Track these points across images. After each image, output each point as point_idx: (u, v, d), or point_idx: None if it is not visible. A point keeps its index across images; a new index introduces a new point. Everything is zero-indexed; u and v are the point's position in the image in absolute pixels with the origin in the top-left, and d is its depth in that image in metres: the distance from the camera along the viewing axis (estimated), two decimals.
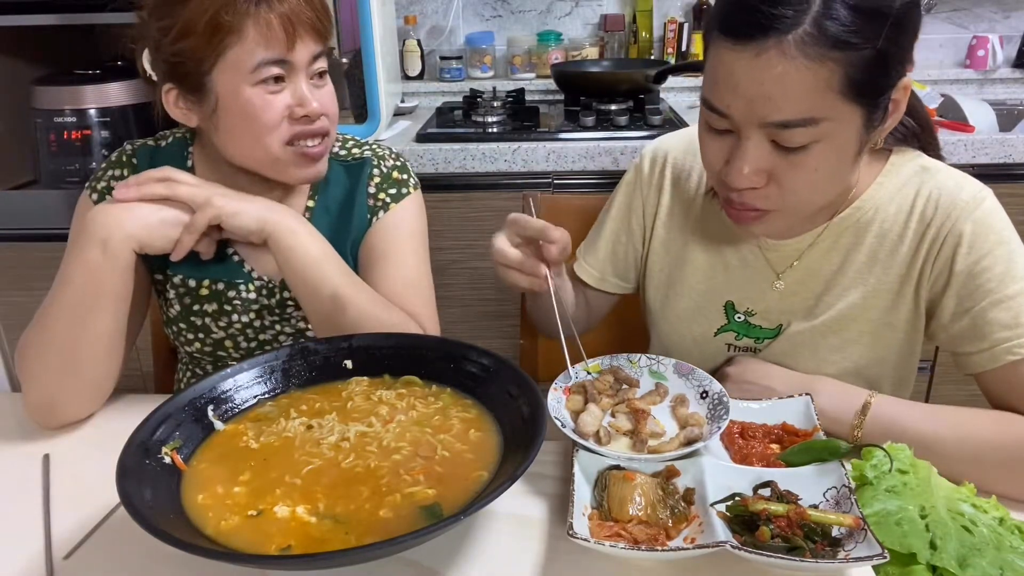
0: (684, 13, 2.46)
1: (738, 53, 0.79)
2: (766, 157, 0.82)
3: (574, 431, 0.83)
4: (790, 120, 0.78)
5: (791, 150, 0.81)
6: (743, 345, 1.06)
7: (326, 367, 0.89)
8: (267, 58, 0.94)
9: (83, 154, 1.84)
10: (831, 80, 0.77)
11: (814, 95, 0.77)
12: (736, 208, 0.89)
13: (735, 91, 0.80)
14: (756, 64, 0.77)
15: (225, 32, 0.92)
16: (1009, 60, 2.41)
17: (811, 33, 0.75)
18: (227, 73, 0.95)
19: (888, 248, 0.96)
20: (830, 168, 0.83)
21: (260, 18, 0.93)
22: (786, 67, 0.76)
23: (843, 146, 0.82)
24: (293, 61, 0.96)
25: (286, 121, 0.98)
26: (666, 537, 0.71)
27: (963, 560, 0.68)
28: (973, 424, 0.86)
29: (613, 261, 1.14)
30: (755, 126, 0.81)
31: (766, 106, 0.79)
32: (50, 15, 1.81)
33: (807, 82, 0.77)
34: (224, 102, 0.96)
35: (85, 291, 0.93)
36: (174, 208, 0.96)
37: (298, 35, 0.95)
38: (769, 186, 0.85)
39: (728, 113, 0.82)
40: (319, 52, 0.99)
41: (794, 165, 0.82)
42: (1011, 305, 0.88)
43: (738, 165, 0.83)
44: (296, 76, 0.98)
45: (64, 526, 0.79)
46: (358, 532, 0.66)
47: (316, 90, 1.00)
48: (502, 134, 1.96)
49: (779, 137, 0.80)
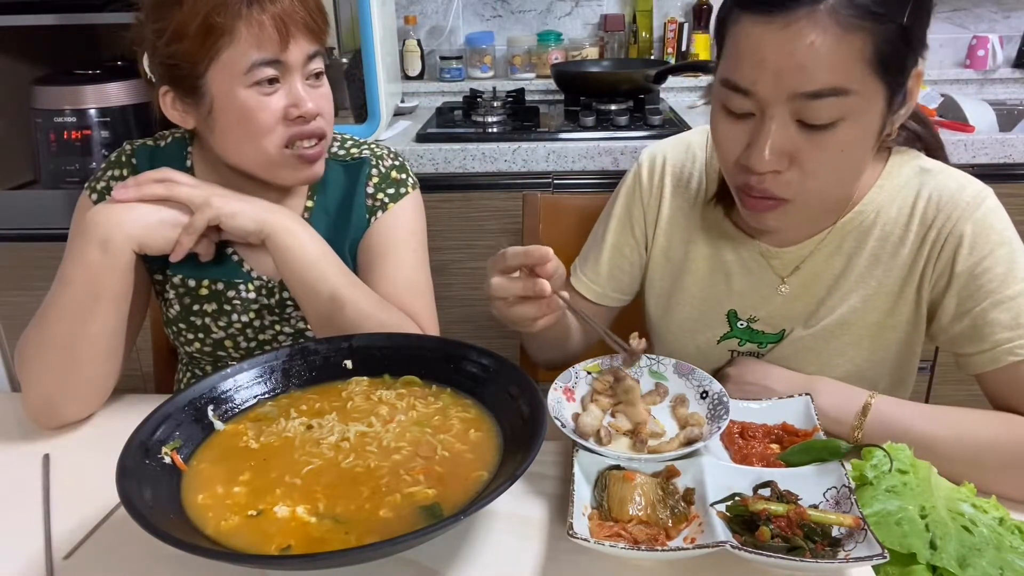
0: (684, 13, 2.46)
1: (766, 26, 0.78)
2: (791, 138, 0.81)
3: (574, 431, 0.83)
4: (822, 89, 0.78)
5: (816, 129, 0.80)
6: (746, 351, 1.06)
7: (326, 367, 0.89)
8: (260, 59, 0.94)
9: (83, 154, 1.84)
10: (863, 50, 0.77)
11: (846, 65, 0.77)
12: (754, 197, 0.87)
13: (762, 64, 0.79)
14: (786, 35, 0.77)
15: (217, 34, 0.92)
16: (1009, 60, 2.41)
17: (843, 2, 0.76)
18: (221, 75, 0.94)
19: (890, 250, 0.96)
20: (853, 150, 0.83)
21: (252, 19, 0.92)
22: (818, 35, 0.76)
23: (867, 126, 0.82)
24: (287, 61, 0.96)
25: (282, 123, 0.98)
26: (666, 537, 0.71)
27: (963, 560, 0.68)
28: (973, 424, 0.86)
29: (616, 275, 1.12)
30: (782, 102, 0.80)
31: (797, 76, 0.78)
32: (50, 15, 1.81)
33: (840, 51, 0.77)
34: (219, 104, 0.96)
35: (85, 291, 0.93)
36: (173, 209, 0.96)
37: (291, 35, 0.95)
38: (791, 170, 0.83)
39: (754, 90, 0.81)
40: (314, 52, 0.99)
41: (818, 145, 0.81)
42: (1012, 306, 0.88)
43: (760, 146, 0.81)
44: (291, 77, 0.97)
45: (64, 526, 0.79)
46: (358, 532, 0.66)
47: (312, 91, 1.00)
48: (502, 134, 1.96)
49: (806, 112, 0.79)
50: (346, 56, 1.94)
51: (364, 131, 1.92)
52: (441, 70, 2.49)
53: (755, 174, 0.84)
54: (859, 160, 0.85)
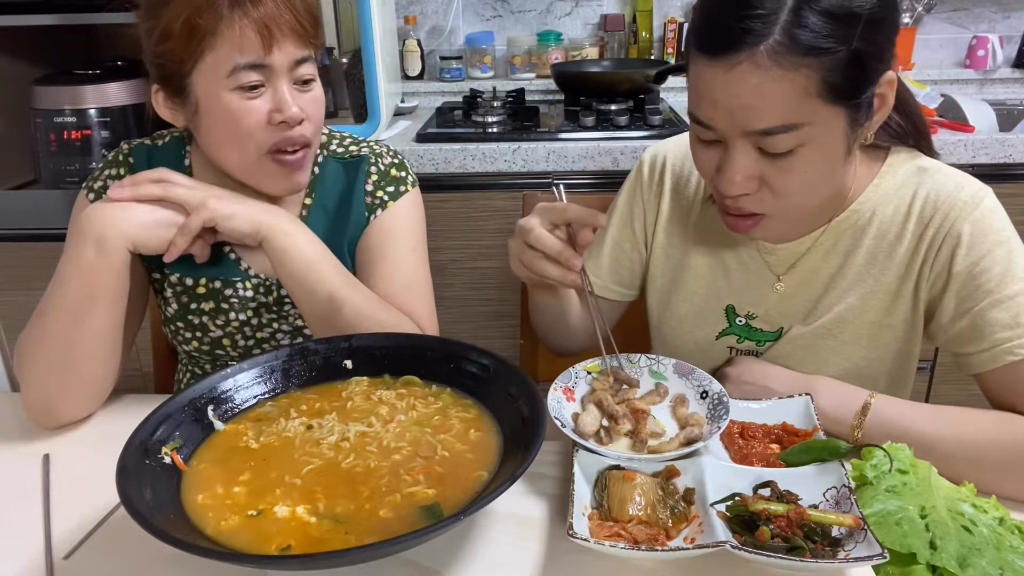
0: (684, 13, 2.46)
1: (713, 68, 0.80)
2: (754, 164, 0.83)
3: (574, 431, 0.83)
4: (772, 128, 0.79)
5: (778, 155, 0.82)
6: (744, 348, 1.06)
7: (326, 367, 0.89)
8: (243, 62, 0.93)
9: (83, 154, 1.84)
10: (808, 86, 0.77)
11: (792, 102, 0.78)
12: (732, 215, 0.90)
13: (715, 105, 0.81)
14: (731, 78, 0.78)
15: (200, 35, 0.91)
16: (1009, 60, 2.41)
17: (782, 42, 0.76)
18: (205, 76, 0.94)
19: (886, 249, 0.96)
20: (819, 170, 0.84)
21: (234, 22, 0.91)
22: (761, 78, 0.77)
23: (830, 147, 0.83)
24: (271, 66, 0.94)
25: (265, 128, 0.96)
26: (666, 537, 0.71)
27: (963, 560, 0.68)
28: (973, 424, 0.86)
29: (616, 269, 1.14)
30: (739, 136, 0.82)
31: (747, 116, 0.80)
32: (50, 15, 1.81)
33: (783, 91, 0.77)
34: (204, 105, 0.96)
35: (80, 290, 0.93)
36: (169, 209, 0.95)
37: (275, 40, 0.93)
38: (762, 191, 0.86)
39: (712, 125, 0.83)
40: (303, 57, 0.97)
41: (783, 170, 0.83)
42: (1011, 305, 0.88)
43: (729, 174, 0.84)
44: (276, 81, 0.95)
45: (64, 526, 0.79)
46: (358, 532, 0.66)
47: (300, 95, 0.98)
48: (502, 134, 1.96)
49: (764, 144, 0.81)
50: (346, 56, 1.94)
51: (364, 131, 1.92)
52: (441, 70, 2.49)
53: (728, 196, 0.86)
54: (829, 174, 0.86)
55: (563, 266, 0.87)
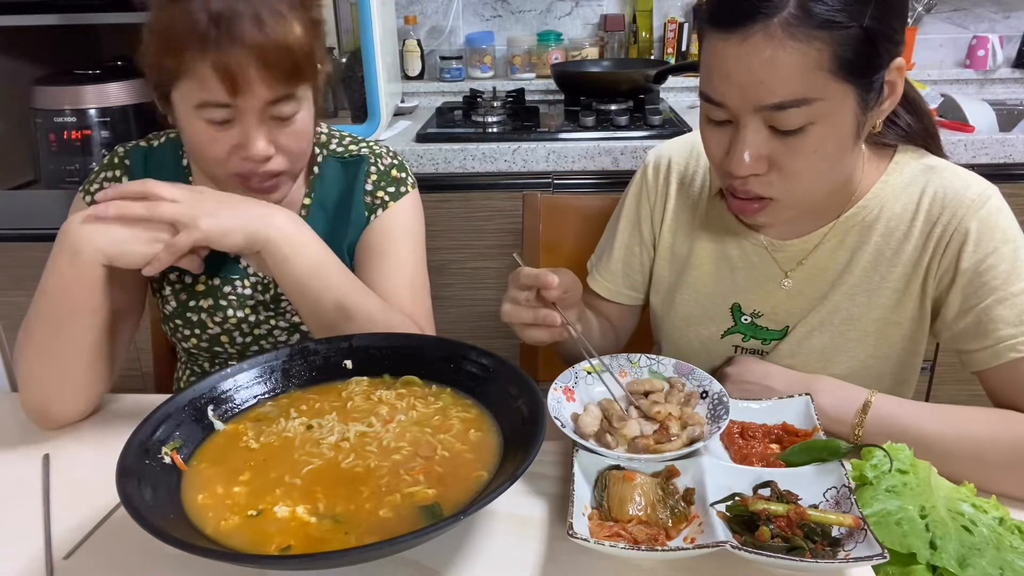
0: (684, 13, 2.46)
1: (726, 42, 0.80)
2: (765, 143, 0.83)
3: (574, 431, 0.83)
4: (784, 101, 0.79)
5: (788, 134, 0.82)
6: (750, 347, 1.06)
7: (326, 367, 0.89)
8: (207, 100, 0.91)
9: (83, 154, 1.84)
10: (820, 60, 0.78)
11: (805, 75, 0.78)
12: (740, 198, 0.90)
13: (727, 79, 0.82)
14: (744, 50, 0.79)
15: (170, 72, 0.91)
16: (1009, 60, 2.41)
17: (796, 15, 0.77)
18: (180, 99, 0.94)
19: (894, 246, 0.96)
20: (829, 151, 0.84)
21: (198, 67, 0.89)
22: (774, 50, 0.78)
23: (840, 127, 0.83)
24: (238, 106, 0.91)
25: (232, 159, 0.95)
26: (666, 537, 0.71)
27: (963, 560, 0.68)
28: (974, 422, 0.86)
29: (628, 273, 1.14)
30: (751, 112, 0.82)
31: (759, 90, 0.80)
32: (50, 15, 1.80)
33: (796, 63, 0.78)
34: (180, 122, 0.97)
35: (59, 302, 0.91)
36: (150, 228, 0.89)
37: (240, 87, 0.89)
38: (771, 172, 0.85)
39: (724, 102, 0.83)
40: (284, 95, 0.93)
41: (793, 149, 0.83)
42: (1015, 303, 0.88)
43: (738, 152, 0.84)
44: (244, 118, 0.93)
45: (64, 526, 0.79)
46: (358, 532, 0.66)
47: (276, 130, 0.95)
48: (502, 134, 1.96)
49: (775, 120, 0.81)
50: (346, 56, 1.94)
51: (364, 131, 1.92)
52: (441, 70, 2.49)
53: (737, 177, 0.86)
54: (838, 158, 0.86)
55: (547, 327, 0.88)
